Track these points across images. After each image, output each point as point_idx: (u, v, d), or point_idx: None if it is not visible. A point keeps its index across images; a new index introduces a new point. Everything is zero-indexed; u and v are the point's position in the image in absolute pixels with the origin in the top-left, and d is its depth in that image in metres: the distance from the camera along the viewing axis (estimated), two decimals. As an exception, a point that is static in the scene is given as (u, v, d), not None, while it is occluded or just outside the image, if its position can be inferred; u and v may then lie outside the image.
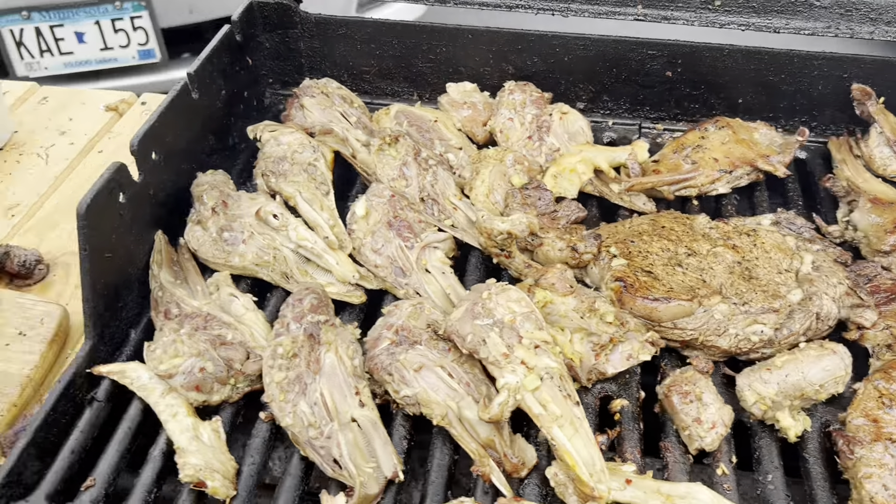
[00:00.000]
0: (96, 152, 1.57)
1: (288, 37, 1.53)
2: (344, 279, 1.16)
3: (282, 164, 1.31)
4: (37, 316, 1.18)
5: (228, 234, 1.19)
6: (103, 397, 1.03)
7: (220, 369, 1.01)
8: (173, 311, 1.10)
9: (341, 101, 1.47)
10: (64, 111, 1.67)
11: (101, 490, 0.94)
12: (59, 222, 1.40)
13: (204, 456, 0.93)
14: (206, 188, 1.24)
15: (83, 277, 1.06)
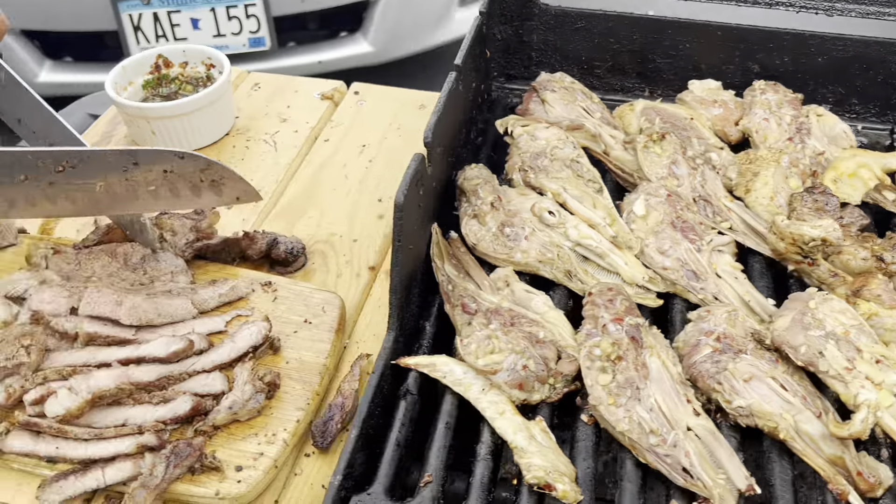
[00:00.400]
0: (322, 140, 1.56)
1: (522, 29, 1.51)
2: (632, 281, 1.13)
3: (540, 159, 1.29)
4: (317, 304, 1.17)
5: (510, 229, 1.17)
6: (415, 390, 1.03)
7: (541, 368, 0.99)
8: (471, 305, 1.09)
9: (583, 96, 1.44)
10: (279, 98, 1.67)
11: (438, 487, 0.93)
12: (306, 210, 1.40)
13: (546, 457, 0.92)
14: (480, 182, 1.23)
15: (393, 269, 1.05)
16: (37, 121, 1.24)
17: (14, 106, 1.25)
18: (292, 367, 1.09)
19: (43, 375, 1.02)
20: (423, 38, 4.51)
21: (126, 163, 1.05)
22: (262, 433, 1.01)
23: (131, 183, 1.07)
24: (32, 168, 1.04)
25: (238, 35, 4.10)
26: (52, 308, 1.08)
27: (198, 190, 1.08)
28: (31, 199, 1.07)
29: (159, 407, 1.01)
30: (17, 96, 1.23)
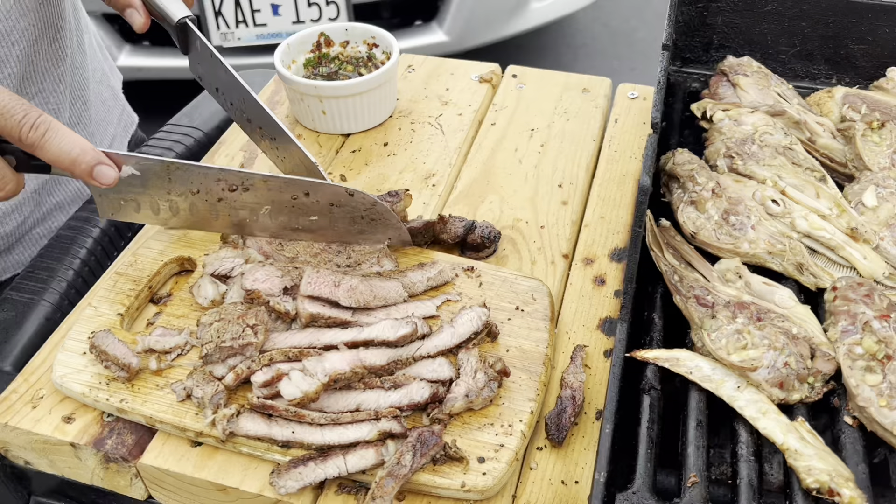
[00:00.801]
0: (489, 124, 1.51)
1: (707, 10, 1.45)
2: (871, 276, 1.07)
3: (747, 145, 1.23)
4: (524, 291, 1.13)
5: (735, 218, 1.11)
6: (658, 385, 0.98)
7: (802, 366, 0.94)
8: (706, 297, 1.03)
9: (777, 80, 1.38)
10: (436, 81, 1.63)
11: (704, 488, 0.87)
12: (486, 195, 1.35)
13: (825, 460, 0.86)
14: (695, 167, 1.17)
15: (631, 255, 1.00)
16: (233, 93, 1.21)
17: (211, 76, 1.23)
18: (514, 356, 1.04)
19: (269, 357, 0.98)
20: (498, 28, 4.46)
21: (298, 192, 1.08)
22: (498, 423, 0.97)
23: (295, 210, 1.10)
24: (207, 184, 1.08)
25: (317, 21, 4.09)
26: (267, 287, 1.05)
27: (355, 225, 1.11)
28: (196, 212, 1.11)
29: (391, 392, 0.97)
30: (212, 67, 1.21)
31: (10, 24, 1.22)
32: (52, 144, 0.94)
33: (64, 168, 0.97)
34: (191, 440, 0.99)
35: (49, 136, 0.94)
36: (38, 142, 0.93)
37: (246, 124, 1.22)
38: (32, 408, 1.03)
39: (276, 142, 1.19)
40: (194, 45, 1.21)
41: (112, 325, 1.08)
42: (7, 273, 1.43)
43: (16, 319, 1.23)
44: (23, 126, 0.92)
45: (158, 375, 1.02)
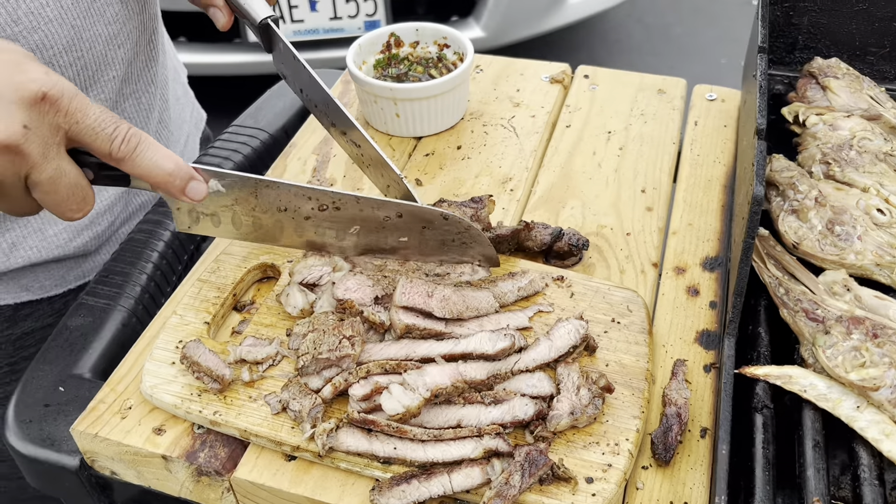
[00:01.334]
0: (563, 126, 1.48)
1: (794, 10, 1.40)
2: None
3: (845, 151, 1.19)
4: (619, 302, 1.09)
5: (840, 228, 1.07)
6: (770, 403, 0.94)
7: (926, 385, 0.90)
8: (816, 312, 1.00)
9: (870, 84, 1.33)
10: (505, 82, 1.59)
11: (828, 512, 0.84)
12: (566, 200, 1.32)
13: (959, 486, 0.82)
14: (795, 175, 1.13)
15: (741, 267, 0.96)
16: (316, 95, 1.19)
17: (295, 77, 1.20)
18: (614, 371, 1.01)
19: (366, 369, 0.96)
20: (535, 24, 4.42)
21: (391, 213, 1.05)
22: (604, 442, 0.94)
23: (385, 231, 1.07)
24: (296, 202, 1.05)
25: (354, 18, 4.07)
26: (359, 297, 1.02)
27: (444, 247, 1.08)
28: (280, 228, 1.09)
29: (492, 408, 0.94)
30: (295, 68, 1.19)
31: (117, 27, 1.21)
32: (145, 158, 0.90)
33: (157, 182, 0.93)
34: (285, 454, 0.97)
35: (141, 149, 0.89)
36: (129, 155, 0.89)
37: (330, 127, 1.20)
38: (121, 418, 1.02)
39: (361, 149, 1.16)
40: (277, 45, 1.19)
41: (199, 334, 1.06)
42: (94, 273, 1.42)
43: (93, 325, 1.22)
44: (114, 139, 0.88)
45: (251, 387, 1.00)
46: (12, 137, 0.80)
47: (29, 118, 0.81)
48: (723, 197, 1.31)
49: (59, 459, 1.05)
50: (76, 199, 0.88)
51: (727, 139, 1.43)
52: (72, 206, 0.89)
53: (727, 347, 0.96)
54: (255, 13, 1.17)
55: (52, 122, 0.83)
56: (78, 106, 0.85)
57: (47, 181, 0.85)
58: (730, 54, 4.91)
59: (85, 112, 0.85)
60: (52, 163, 0.84)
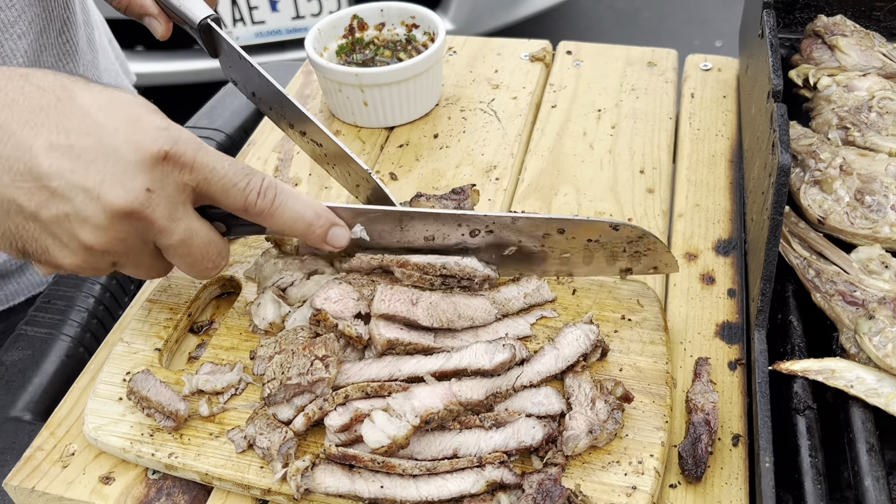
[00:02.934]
0: (549, 107, 1.35)
1: (794, -34, 1.29)
2: None
3: (864, 113, 1.07)
4: (627, 296, 0.96)
5: (870, 198, 0.95)
6: (813, 403, 0.82)
7: None
8: (854, 294, 0.87)
9: (881, 40, 1.21)
10: (482, 62, 1.46)
11: (894, 527, 0.72)
12: (559, 186, 1.19)
13: None
14: (815, 142, 1.01)
15: (769, 248, 0.83)
16: (268, 95, 1.04)
17: (245, 80, 1.06)
18: (629, 376, 0.88)
19: (344, 394, 0.82)
20: (505, 13, 4.32)
21: (551, 230, 0.92)
22: (625, 460, 0.80)
23: (545, 250, 0.94)
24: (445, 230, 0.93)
25: (317, 16, 3.93)
26: (338, 309, 0.88)
27: (613, 258, 0.94)
28: None
29: (493, 432, 0.81)
30: (243, 69, 1.05)
31: (14, 13, 1.06)
32: (285, 211, 0.81)
33: (297, 234, 0.84)
34: (255, 498, 0.83)
35: (279, 201, 0.80)
36: (267, 210, 0.80)
37: (288, 129, 1.05)
38: (63, 467, 0.87)
39: (323, 147, 1.02)
40: (221, 47, 1.05)
41: (150, 364, 0.92)
42: (20, 296, 1.27)
43: (33, 358, 1.08)
44: (248, 194, 0.78)
45: (211, 422, 0.86)
46: (134, 203, 0.73)
47: (152, 180, 0.74)
48: (730, 173, 1.19)
49: (-7, 519, 0.91)
50: (211, 256, 0.81)
51: (728, 110, 1.30)
52: (207, 265, 0.82)
53: (758, 342, 0.84)
54: (194, 14, 1.03)
55: (177, 181, 0.75)
56: (204, 161, 0.76)
57: (178, 244, 0.78)
58: (701, 36, 4.83)
59: (213, 168, 0.77)
60: (181, 224, 0.77)
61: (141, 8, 1.03)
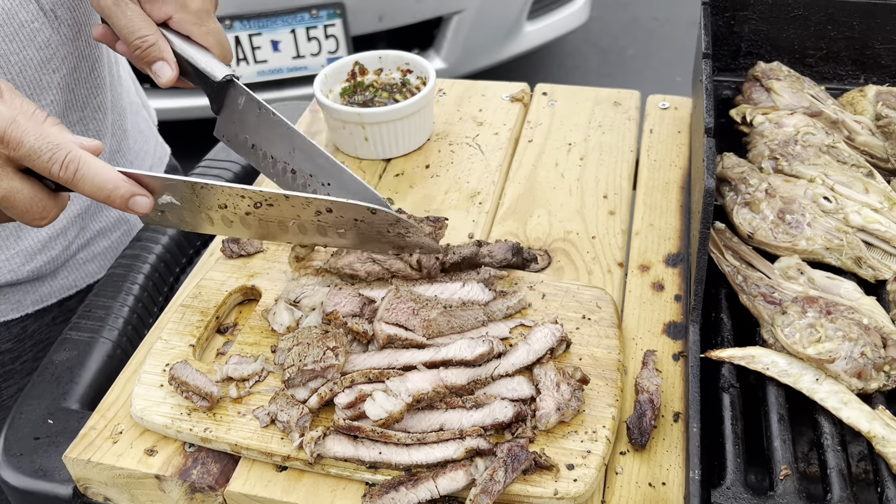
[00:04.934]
0: (526, 141, 1.54)
1: (734, 19, 1.48)
2: (929, 264, 1.09)
3: (790, 146, 1.26)
4: (588, 300, 1.14)
5: (790, 216, 1.14)
6: (736, 383, 0.99)
7: (877, 355, 0.96)
8: (773, 295, 1.05)
9: (810, 83, 1.41)
10: (468, 103, 1.66)
11: (796, 480, 0.89)
12: (533, 210, 1.37)
13: (914, 445, 0.87)
14: (745, 170, 1.20)
15: (700, 256, 1.02)
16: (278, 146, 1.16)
17: (250, 131, 1.17)
18: (588, 364, 1.06)
19: (350, 378, 1.00)
20: (494, 53, 4.53)
21: (321, 208, 1.06)
22: (582, 431, 0.98)
23: (322, 224, 1.09)
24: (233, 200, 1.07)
25: (317, 56, 4.13)
26: (347, 310, 1.06)
27: (382, 237, 1.10)
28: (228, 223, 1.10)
29: (474, 411, 0.98)
30: (257, 120, 1.16)
31: (50, 51, 1.24)
32: (86, 182, 0.95)
33: (100, 201, 0.98)
34: (276, 465, 0.99)
35: (81, 173, 0.95)
36: (70, 180, 0.95)
37: (290, 179, 1.19)
38: (113, 443, 1.04)
39: (331, 187, 1.18)
40: (235, 101, 1.17)
41: (185, 357, 1.09)
42: (52, 298, 1.44)
43: (78, 358, 1.24)
44: (51, 167, 0.93)
45: (238, 403, 1.03)
46: None
47: None
48: (680, 197, 1.38)
49: (52, 489, 1.07)
50: (36, 210, 0.96)
51: (681, 144, 1.50)
52: (34, 216, 0.96)
53: (692, 333, 1.01)
54: (214, 71, 1.15)
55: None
56: (13, 136, 0.91)
57: (2, 199, 0.93)
58: (684, 72, 5.06)
59: (20, 141, 0.91)
60: (2, 184, 0.92)
61: (160, 53, 1.13)
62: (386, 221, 1.07)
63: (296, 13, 3.94)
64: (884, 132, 1.28)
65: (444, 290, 1.14)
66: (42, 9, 1.22)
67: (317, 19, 3.99)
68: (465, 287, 1.14)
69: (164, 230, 1.48)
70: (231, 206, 1.07)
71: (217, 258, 1.26)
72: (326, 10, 3.97)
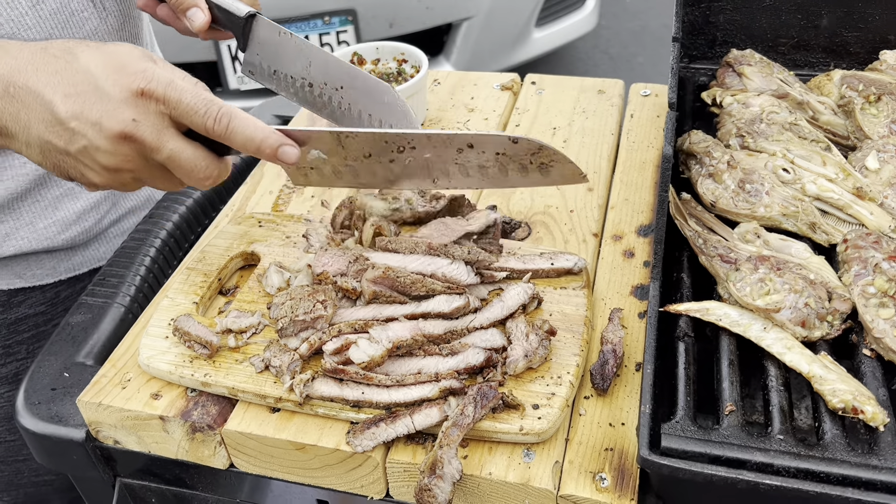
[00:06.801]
0: (513, 125, 1.63)
1: (710, 10, 1.57)
2: (878, 230, 1.17)
3: (756, 124, 1.34)
4: (562, 265, 1.23)
5: (750, 186, 1.22)
6: (691, 332, 1.07)
7: (821, 305, 1.03)
8: (730, 255, 1.13)
9: (780, 68, 1.49)
10: (461, 91, 1.75)
11: (740, 416, 0.97)
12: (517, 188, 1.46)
13: (848, 382, 0.95)
14: (710, 144, 1.28)
15: (658, 218, 1.10)
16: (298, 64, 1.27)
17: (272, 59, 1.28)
18: (557, 319, 1.14)
19: (338, 328, 1.09)
20: (503, 59, 4.63)
21: (462, 145, 1.09)
22: (548, 376, 1.06)
23: (462, 163, 1.11)
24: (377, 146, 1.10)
25: (329, 61, 4.24)
26: (335, 269, 1.15)
27: (525, 171, 1.11)
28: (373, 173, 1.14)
29: (449, 358, 1.07)
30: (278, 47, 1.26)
31: (96, 39, 1.36)
32: (238, 133, 1.00)
33: (251, 152, 1.04)
34: (270, 407, 1.09)
35: (233, 125, 1.00)
36: (223, 133, 1.00)
37: (308, 93, 1.28)
38: (122, 388, 1.14)
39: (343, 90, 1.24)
40: (257, 33, 1.27)
41: (189, 313, 1.19)
42: (84, 267, 1.55)
43: (92, 321, 1.34)
44: (206, 120, 1.00)
45: (236, 352, 1.13)
46: (127, 129, 0.96)
47: (136, 112, 0.96)
48: (654, 175, 1.46)
49: (67, 433, 1.17)
50: (201, 169, 1.02)
51: (659, 127, 1.58)
52: (199, 176, 1.02)
53: (652, 289, 1.10)
54: (238, 9, 1.26)
55: (155, 110, 0.97)
56: (172, 95, 0.97)
57: (168, 159, 0.99)
58: (691, 76, 5.12)
59: (179, 100, 0.97)
60: (168, 144, 0.98)
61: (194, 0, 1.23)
62: (528, 151, 1.07)
63: (309, 20, 4.07)
64: (845, 111, 1.36)
65: (431, 264, 1.23)
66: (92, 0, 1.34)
67: (329, 26, 4.11)
68: (453, 265, 1.22)
69: (175, 209, 1.59)
70: (376, 153, 1.11)
71: (221, 227, 1.36)
72: (339, 17, 4.09)
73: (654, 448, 0.93)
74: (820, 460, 0.90)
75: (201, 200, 1.59)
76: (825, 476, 0.89)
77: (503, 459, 1.01)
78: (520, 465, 1.00)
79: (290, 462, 1.08)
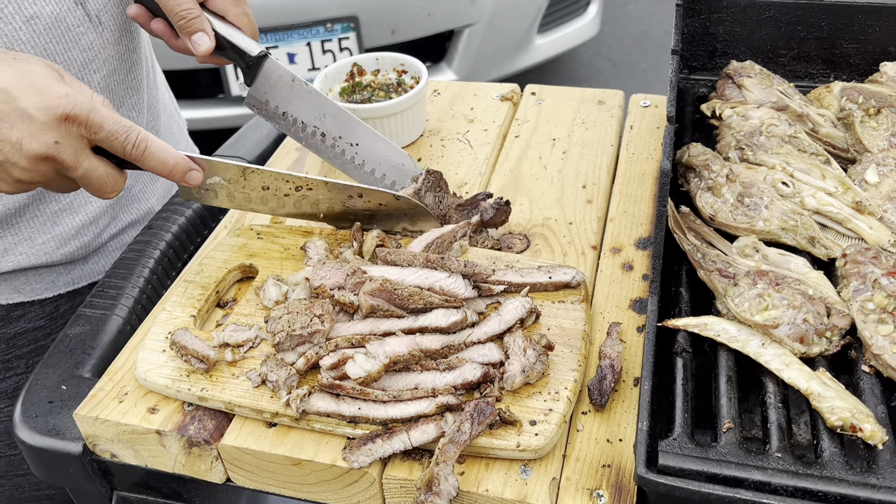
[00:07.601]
0: (513, 137, 1.63)
1: (709, 21, 1.57)
2: (878, 244, 1.16)
3: (755, 137, 1.34)
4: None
5: (749, 199, 1.22)
6: (690, 348, 1.07)
7: (819, 321, 1.03)
8: (728, 270, 1.13)
9: (779, 80, 1.49)
10: (461, 102, 1.75)
11: (738, 433, 0.96)
12: (516, 198, 1.46)
13: (846, 400, 0.95)
14: (709, 157, 1.28)
15: (657, 233, 1.10)
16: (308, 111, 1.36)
17: (281, 101, 1.35)
18: (555, 334, 1.14)
19: (335, 343, 1.09)
20: (505, 65, 4.63)
21: (353, 194, 1.28)
22: (546, 391, 1.06)
23: (349, 206, 1.31)
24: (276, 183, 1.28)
25: (331, 67, 4.25)
26: (333, 282, 1.15)
27: (398, 218, 1.32)
28: (266, 201, 1.31)
29: (446, 373, 1.07)
30: (288, 91, 1.34)
31: (92, 53, 1.36)
32: (152, 158, 1.12)
33: (162, 174, 1.15)
34: (266, 421, 1.08)
35: (149, 151, 1.11)
36: (140, 157, 1.11)
37: (319, 141, 1.36)
38: (119, 402, 1.14)
39: (358, 146, 1.38)
40: (268, 74, 1.32)
41: (186, 326, 1.19)
42: (83, 281, 1.55)
43: (91, 332, 1.34)
44: (125, 146, 1.09)
45: (233, 366, 1.12)
46: (48, 151, 1.03)
47: (58, 135, 1.03)
48: (654, 187, 1.46)
49: (64, 447, 1.17)
50: (108, 185, 1.11)
51: (659, 138, 1.58)
52: (105, 191, 1.11)
53: (650, 304, 1.09)
54: (249, 47, 1.30)
55: (76, 134, 1.05)
56: (94, 120, 1.05)
57: (82, 177, 1.08)
58: (693, 83, 5.12)
59: (101, 125, 1.06)
60: (83, 164, 1.07)
61: (201, 25, 1.27)
62: (407, 206, 1.28)
63: (311, 27, 4.07)
64: (844, 124, 1.36)
65: (428, 277, 1.22)
66: (88, 14, 1.35)
67: (331, 32, 4.12)
68: (451, 278, 1.21)
69: (174, 220, 1.59)
70: (274, 188, 1.27)
71: (220, 240, 1.36)
72: (341, 24, 4.09)
73: (652, 466, 0.92)
74: (818, 479, 0.89)
75: (200, 212, 1.59)
76: (823, 495, 0.88)
77: (500, 476, 1.01)
78: (517, 481, 1.00)
79: (287, 477, 1.07)
